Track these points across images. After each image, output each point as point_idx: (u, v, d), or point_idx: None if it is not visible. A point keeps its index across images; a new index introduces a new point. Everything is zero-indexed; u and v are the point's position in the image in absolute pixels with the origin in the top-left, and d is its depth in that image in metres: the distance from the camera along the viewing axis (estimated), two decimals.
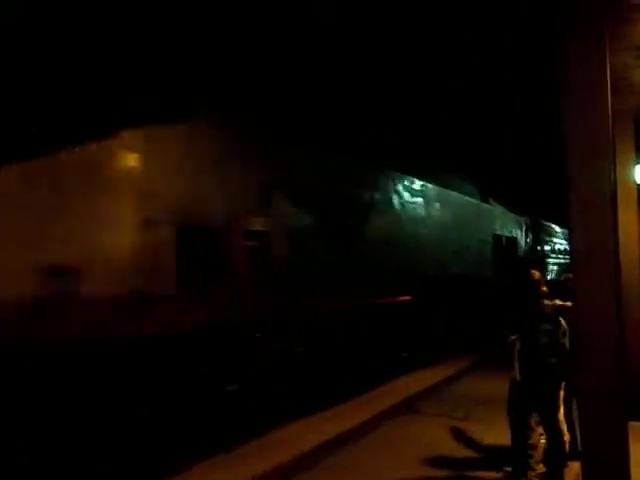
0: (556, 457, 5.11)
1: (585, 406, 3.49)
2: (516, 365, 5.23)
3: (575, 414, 5.20)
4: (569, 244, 3.88)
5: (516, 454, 5.31)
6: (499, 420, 7.14)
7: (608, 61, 3.46)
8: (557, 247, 26.26)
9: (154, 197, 5.43)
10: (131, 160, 5.27)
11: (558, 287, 6.02)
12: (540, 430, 5.24)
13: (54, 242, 4.60)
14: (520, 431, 5.25)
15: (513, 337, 5.31)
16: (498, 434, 6.61)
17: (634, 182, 7.23)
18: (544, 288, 5.25)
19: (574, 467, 4.91)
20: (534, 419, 5.28)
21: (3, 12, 4.38)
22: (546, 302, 5.17)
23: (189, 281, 5.69)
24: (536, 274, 5.35)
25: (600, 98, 3.42)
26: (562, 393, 5.13)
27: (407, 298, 10.35)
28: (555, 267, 24.81)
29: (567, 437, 5.18)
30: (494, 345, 12.29)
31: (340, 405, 7.62)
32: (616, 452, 3.29)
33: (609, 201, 3.42)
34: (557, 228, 27.65)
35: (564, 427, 5.15)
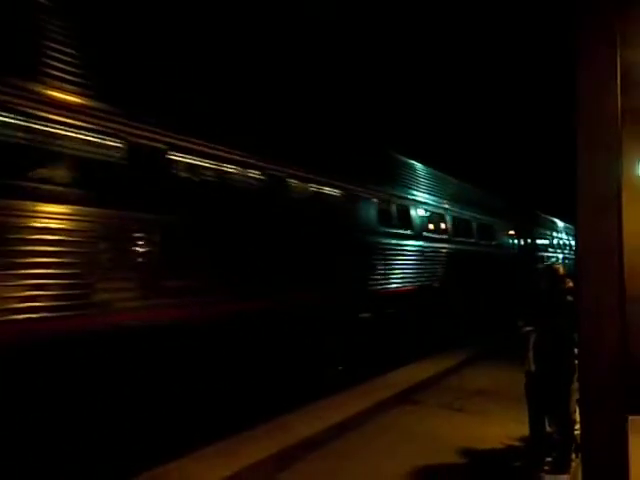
0: (566, 445, 5.23)
1: (585, 398, 3.55)
2: (530, 355, 5.33)
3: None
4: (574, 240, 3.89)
5: (534, 443, 5.43)
6: (496, 411, 7.30)
7: (619, 58, 3.49)
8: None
9: None
10: None
11: None
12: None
13: None
14: (538, 420, 5.37)
15: (528, 328, 5.42)
16: (494, 425, 6.73)
17: None
18: (569, 283, 5.35)
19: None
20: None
21: None
22: (569, 297, 5.24)
23: None
24: (560, 269, 5.55)
25: (610, 96, 3.46)
26: (576, 384, 5.22)
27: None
28: None
29: (579, 426, 5.28)
30: (494, 337, 12.40)
31: (341, 394, 7.71)
32: (615, 445, 3.35)
33: (616, 197, 3.47)
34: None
35: (576, 417, 5.24)
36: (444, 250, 12.08)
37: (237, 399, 6.24)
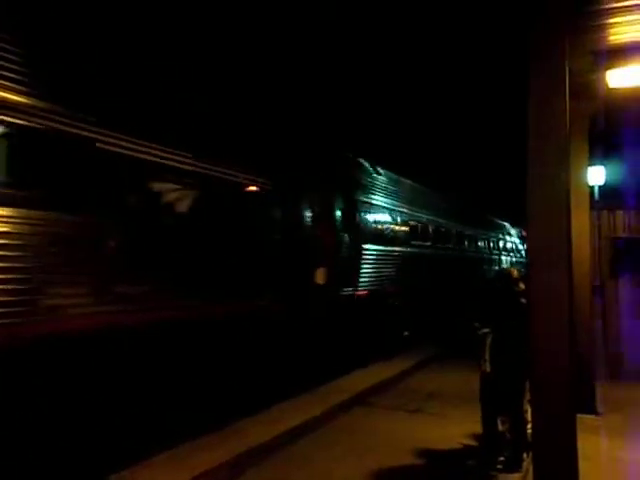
0: (518, 444, 5.35)
1: (537, 399, 3.62)
2: (487, 357, 5.42)
3: None
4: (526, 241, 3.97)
5: (487, 442, 5.54)
6: (452, 412, 7.39)
7: (567, 66, 3.58)
8: None
9: None
10: None
11: None
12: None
13: None
14: (492, 420, 5.48)
15: (484, 330, 5.49)
16: (451, 425, 6.81)
17: (586, 184, 7.50)
18: (522, 285, 5.44)
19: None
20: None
21: None
22: (522, 299, 5.32)
23: None
24: (514, 272, 5.70)
25: (559, 103, 3.54)
26: (528, 384, 5.32)
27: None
28: None
29: (530, 425, 5.40)
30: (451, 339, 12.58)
31: (295, 398, 7.67)
32: (564, 442, 3.43)
33: (564, 201, 3.56)
34: None
35: (528, 416, 5.34)
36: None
37: (190, 403, 6.10)
